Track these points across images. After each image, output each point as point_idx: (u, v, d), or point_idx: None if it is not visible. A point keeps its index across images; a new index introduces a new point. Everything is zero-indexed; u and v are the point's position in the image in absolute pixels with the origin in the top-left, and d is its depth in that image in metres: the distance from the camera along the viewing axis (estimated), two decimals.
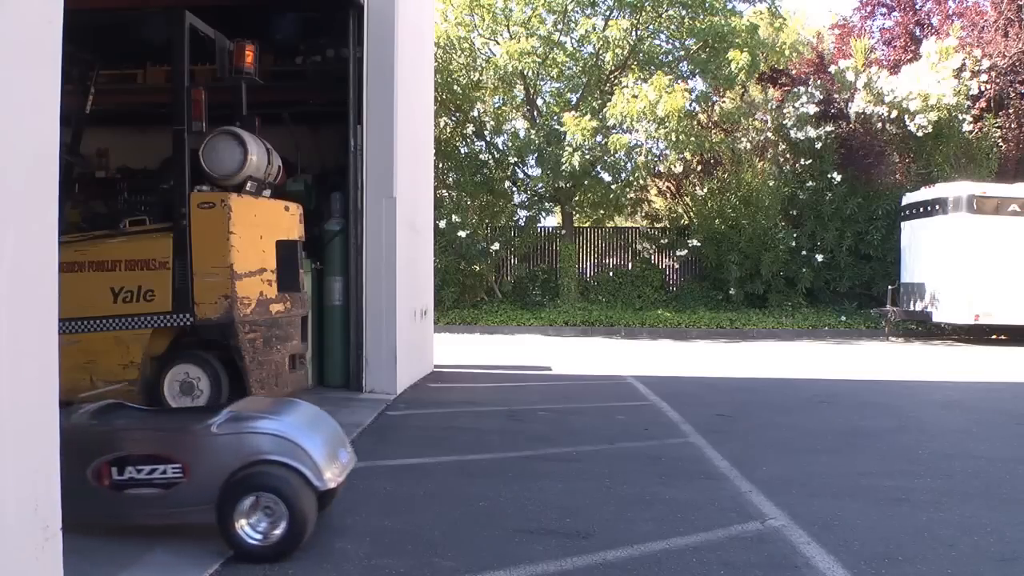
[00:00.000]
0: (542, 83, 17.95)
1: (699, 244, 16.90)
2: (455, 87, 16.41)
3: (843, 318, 15.71)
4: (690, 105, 15.86)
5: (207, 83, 5.55)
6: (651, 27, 17.03)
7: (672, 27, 17.06)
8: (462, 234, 15.85)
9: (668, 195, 18.99)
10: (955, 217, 13.47)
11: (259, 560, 2.69)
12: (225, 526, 2.66)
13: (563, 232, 18.11)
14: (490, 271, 17.03)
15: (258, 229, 5.36)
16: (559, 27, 17.06)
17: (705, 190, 17.31)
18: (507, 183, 17.98)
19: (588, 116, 15.61)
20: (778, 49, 16.71)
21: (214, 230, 5.05)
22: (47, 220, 2.14)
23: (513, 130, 17.52)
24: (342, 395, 6.37)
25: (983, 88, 16.66)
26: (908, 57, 18.17)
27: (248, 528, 2.68)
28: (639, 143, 15.71)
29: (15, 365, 1.99)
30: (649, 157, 15.86)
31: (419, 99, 8.20)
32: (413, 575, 2.74)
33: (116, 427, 2.85)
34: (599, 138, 15.81)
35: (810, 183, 16.71)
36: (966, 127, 16.36)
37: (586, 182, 16.50)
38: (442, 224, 15.30)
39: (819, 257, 16.37)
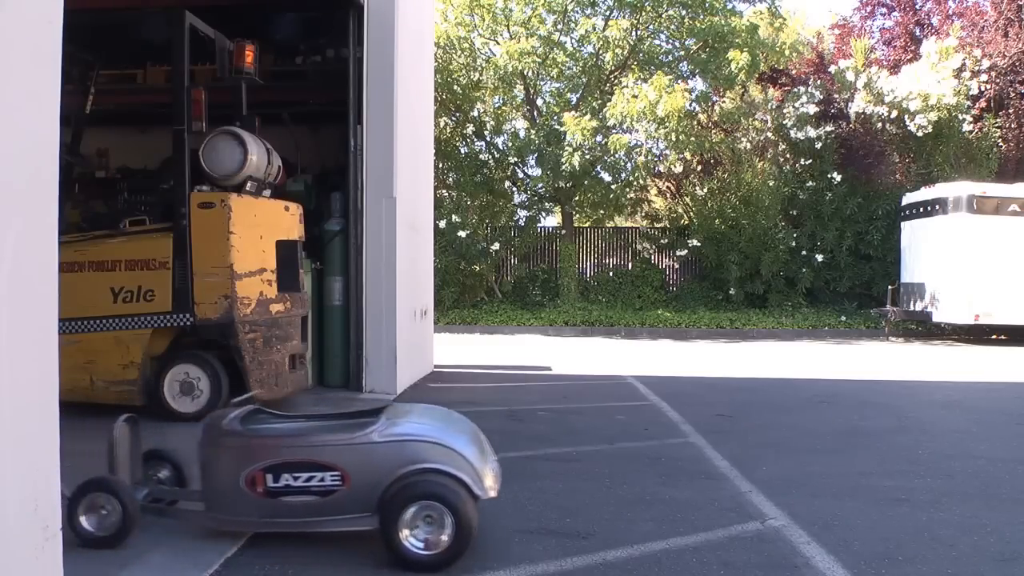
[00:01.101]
0: (542, 83, 17.95)
1: (699, 244, 16.90)
2: (455, 87, 16.41)
3: (843, 318, 15.71)
4: (690, 105, 15.86)
5: (207, 83, 5.55)
6: (651, 27, 17.04)
7: (672, 27, 17.06)
8: (462, 234, 15.85)
9: (668, 195, 18.99)
10: (955, 217, 13.47)
11: (424, 569, 2.65)
12: (389, 535, 2.63)
13: (563, 232, 18.11)
14: (490, 271, 17.03)
15: (258, 229, 5.36)
16: (559, 27, 17.06)
17: (705, 190, 17.30)
18: (507, 183, 17.99)
19: (588, 116, 15.61)
20: (778, 49, 16.71)
21: (214, 230, 5.05)
22: (47, 220, 2.14)
23: (513, 130, 17.52)
24: (342, 395, 6.36)
25: (983, 88, 16.67)
26: (908, 57, 18.17)
27: (412, 538, 2.66)
28: (639, 143, 15.71)
29: (15, 365, 1.99)
30: (649, 157, 15.86)
31: (419, 99, 8.20)
32: (413, 575, 2.74)
33: (273, 434, 2.85)
34: (599, 138, 15.81)
35: (810, 183, 16.71)
36: (966, 127, 16.36)
37: (586, 182, 16.50)
38: (442, 224, 15.30)
39: (819, 257, 16.37)
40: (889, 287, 15.06)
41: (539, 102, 18.16)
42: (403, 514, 2.63)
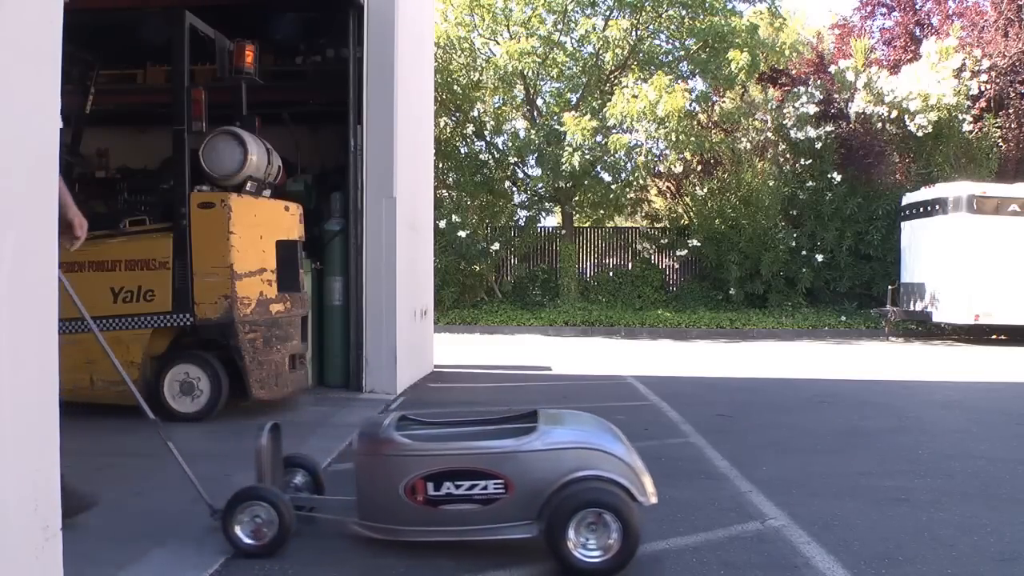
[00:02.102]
0: (542, 83, 17.95)
1: (699, 244, 16.90)
2: (455, 87, 16.41)
3: (843, 318, 15.71)
4: (690, 105, 15.86)
5: (207, 83, 5.55)
6: (651, 27, 17.04)
7: (672, 27, 17.06)
8: (462, 234, 15.85)
9: (668, 195, 18.99)
10: (955, 217, 13.47)
11: None
12: (556, 544, 2.62)
13: (563, 232, 18.11)
14: (490, 271, 17.03)
15: (258, 229, 5.36)
16: (559, 27, 17.06)
17: (705, 190, 17.30)
18: (507, 183, 17.99)
19: (588, 116, 15.61)
20: (778, 49, 16.72)
21: (214, 230, 5.05)
22: (47, 220, 2.14)
23: (513, 130, 17.53)
24: (342, 395, 6.37)
25: (983, 88, 16.67)
26: (908, 57, 18.17)
27: (580, 546, 2.64)
28: (639, 143, 15.71)
29: (15, 365, 1.99)
30: (649, 157, 15.86)
31: (419, 99, 8.20)
32: (413, 574, 2.74)
33: (435, 442, 2.84)
34: (599, 138, 15.81)
35: (810, 183, 16.72)
36: (966, 127, 16.37)
37: (586, 182, 16.50)
38: (442, 224, 15.30)
39: (819, 257, 16.37)
40: (889, 287, 15.06)
41: (539, 102, 18.17)
42: (570, 522, 2.62)
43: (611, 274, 17.96)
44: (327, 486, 3.26)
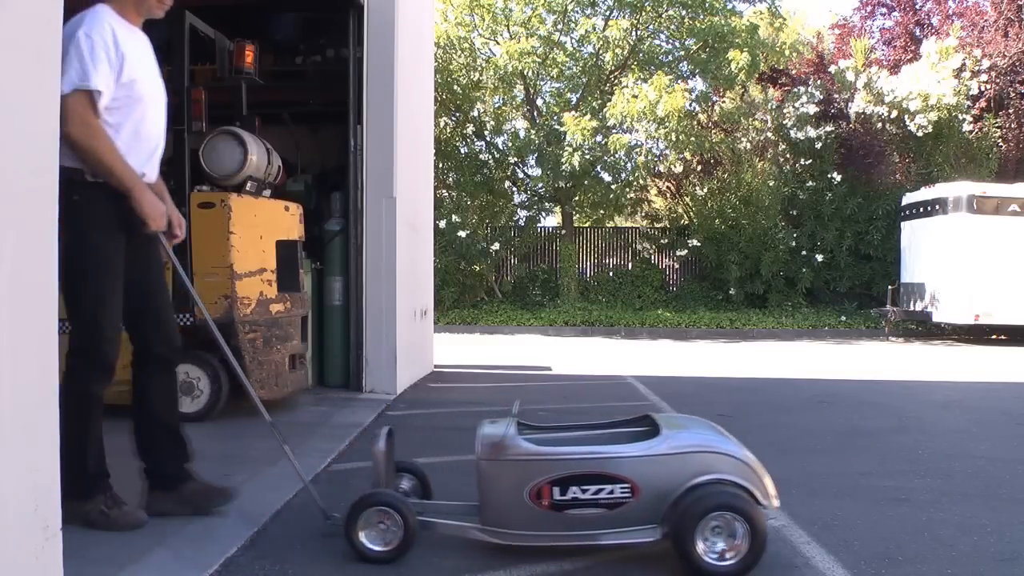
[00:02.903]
0: (542, 83, 17.96)
1: (699, 244, 16.90)
2: (455, 87, 16.42)
3: (843, 318, 15.71)
4: (690, 105, 15.87)
5: (207, 83, 5.55)
6: (651, 27, 17.05)
7: (672, 27, 17.07)
8: (462, 234, 15.86)
9: (668, 195, 19.00)
10: (955, 217, 13.47)
11: None
12: (685, 548, 2.62)
13: (563, 232, 18.11)
14: (490, 271, 17.04)
15: (258, 229, 5.36)
16: (559, 27, 17.07)
17: (705, 190, 17.31)
18: (507, 183, 17.99)
19: (588, 116, 15.62)
20: (778, 49, 16.73)
21: (214, 230, 5.05)
22: (47, 220, 2.14)
23: (513, 130, 17.53)
24: (342, 395, 6.37)
25: (983, 88, 16.67)
26: (908, 57, 18.18)
27: (709, 551, 2.64)
28: (639, 143, 15.72)
29: (15, 365, 1.99)
30: (649, 157, 15.87)
31: (419, 99, 8.20)
32: (413, 574, 2.74)
33: (562, 446, 2.85)
34: (599, 138, 15.82)
35: (810, 183, 16.72)
36: (966, 127, 16.37)
37: (586, 182, 16.51)
38: (442, 224, 15.31)
39: (819, 257, 16.37)
40: (889, 287, 15.06)
41: (539, 102, 18.17)
42: (698, 526, 2.62)
43: (611, 274, 17.97)
44: (330, 487, 3.26)
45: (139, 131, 3.00)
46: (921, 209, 14.42)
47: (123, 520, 2.98)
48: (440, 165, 16.01)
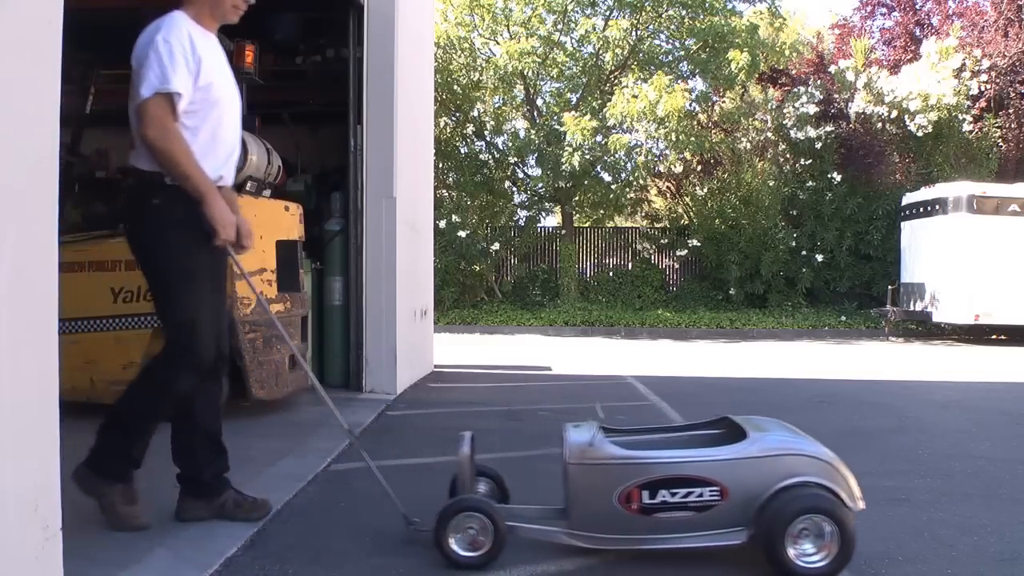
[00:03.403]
0: (542, 83, 17.97)
1: (699, 244, 16.90)
2: (455, 87, 16.43)
3: (843, 318, 15.72)
4: (690, 105, 15.87)
5: None
6: (651, 27, 17.05)
7: (672, 27, 17.08)
8: (462, 234, 15.86)
9: (668, 195, 19.00)
10: (955, 217, 13.47)
11: None
12: (776, 551, 2.63)
13: (563, 232, 18.11)
14: (490, 271, 17.04)
15: (258, 229, 5.31)
16: (559, 27, 17.07)
17: (705, 190, 17.32)
18: (507, 183, 17.99)
19: (588, 116, 15.62)
20: (778, 49, 16.73)
21: None
22: (47, 220, 2.14)
23: (513, 130, 17.54)
24: (342, 395, 6.36)
25: (983, 88, 16.68)
26: (908, 57, 18.18)
27: (802, 555, 2.65)
28: (639, 143, 15.72)
29: (15, 365, 1.99)
30: (649, 157, 15.87)
31: (419, 99, 8.20)
32: (413, 574, 2.74)
33: (648, 451, 2.85)
34: (599, 138, 15.82)
35: (810, 183, 16.73)
36: (966, 127, 16.38)
37: (586, 182, 16.51)
38: (442, 224, 15.31)
39: (819, 257, 16.38)
40: (889, 287, 15.06)
41: (539, 102, 18.17)
42: (788, 529, 2.62)
43: (611, 274, 17.97)
44: (330, 487, 3.26)
45: (216, 134, 3.01)
46: (921, 209, 14.43)
47: (126, 518, 2.97)
48: (440, 165, 16.01)
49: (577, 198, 17.32)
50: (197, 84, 2.92)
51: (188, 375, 2.98)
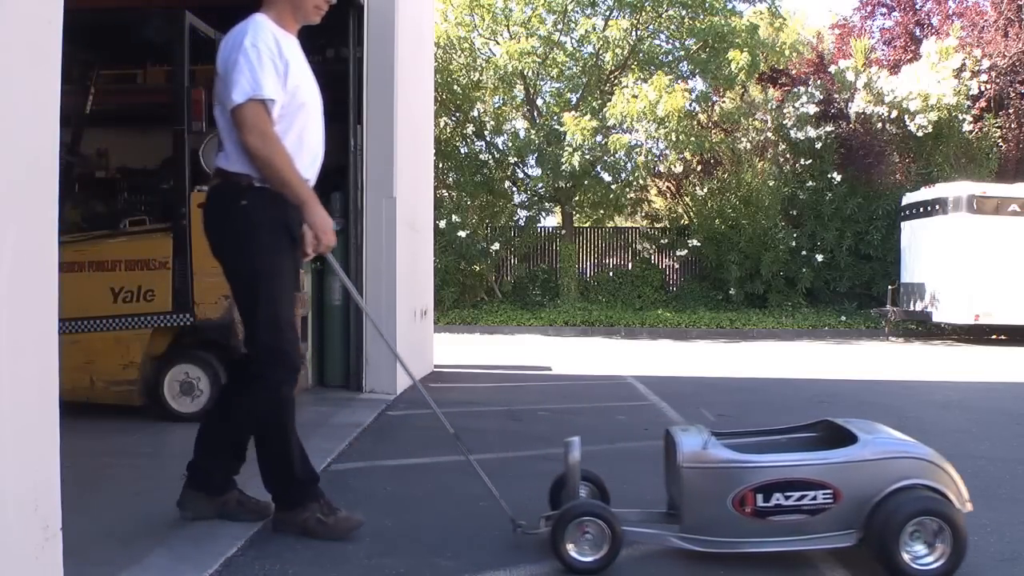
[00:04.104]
0: (542, 83, 17.97)
1: (699, 244, 16.90)
2: (455, 87, 16.43)
3: (843, 318, 15.72)
4: (690, 105, 15.87)
5: (207, 83, 5.54)
6: (651, 27, 17.05)
7: (672, 27, 17.08)
8: (462, 234, 15.86)
9: (668, 195, 19.00)
10: (955, 217, 13.47)
11: None
12: (888, 551, 2.64)
13: (563, 232, 18.12)
14: (490, 271, 17.04)
15: None
16: (559, 27, 17.07)
17: (705, 190, 17.32)
18: (507, 183, 17.99)
19: (588, 116, 15.62)
20: (778, 49, 16.74)
21: None
22: (47, 220, 2.14)
23: (513, 130, 17.54)
24: (342, 395, 6.37)
25: (983, 88, 16.68)
26: (908, 57, 18.19)
27: (917, 558, 2.65)
28: (639, 143, 15.73)
29: (15, 365, 1.99)
30: (649, 157, 15.87)
31: (419, 99, 8.20)
32: (413, 574, 2.74)
33: (762, 454, 2.88)
34: (599, 138, 15.83)
35: (810, 183, 16.73)
36: (966, 127, 16.38)
37: (586, 182, 16.51)
38: (442, 224, 15.31)
39: (819, 257, 16.38)
40: (889, 287, 15.06)
41: (539, 102, 18.17)
42: (903, 531, 2.63)
43: (611, 274, 17.97)
44: (330, 487, 3.25)
45: (303, 138, 3.01)
46: (921, 209, 14.42)
47: (342, 526, 2.98)
48: (440, 165, 16.01)
49: (577, 198, 17.32)
50: (285, 88, 2.92)
51: (284, 374, 2.98)
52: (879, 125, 16.53)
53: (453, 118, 17.40)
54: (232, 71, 2.83)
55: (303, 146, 3.01)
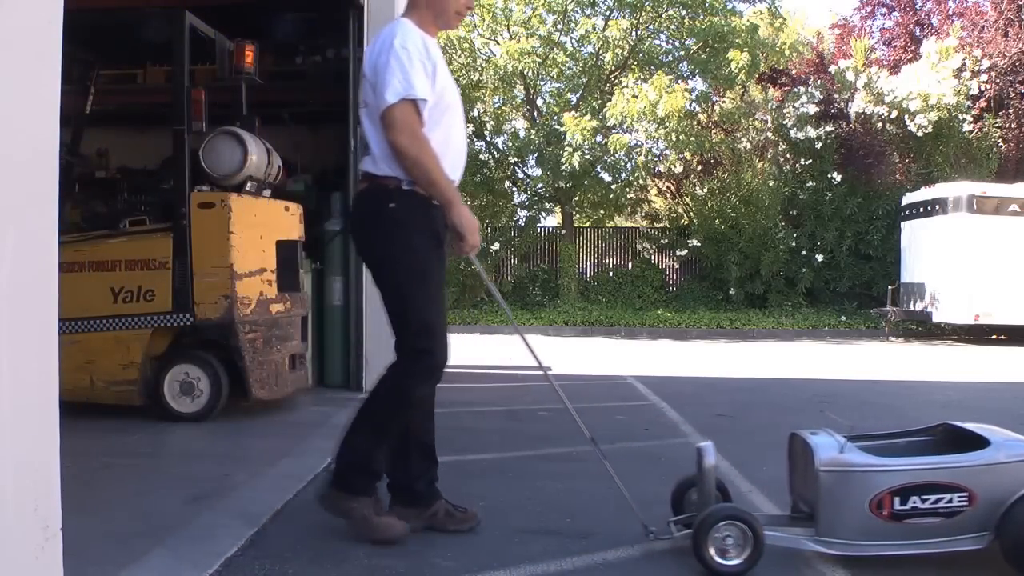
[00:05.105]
0: (542, 83, 17.96)
1: (699, 244, 16.90)
2: None
3: (843, 318, 15.71)
4: (690, 105, 15.86)
5: (207, 83, 5.55)
6: (651, 27, 17.04)
7: (672, 27, 17.07)
8: None
9: (668, 195, 19.00)
10: (955, 217, 13.47)
11: None
12: (1021, 557, 2.70)
13: (563, 232, 18.11)
14: (490, 271, 17.03)
15: (258, 229, 5.36)
16: (559, 27, 17.06)
17: (705, 190, 17.32)
18: (507, 183, 17.98)
19: (588, 116, 15.61)
20: (778, 49, 16.72)
21: (214, 230, 5.05)
22: (47, 220, 2.14)
23: (513, 130, 17.53)
24: (342, 395, 6.36)
25: (983, 88, 16.68)
26: (908, 57, 18.19)
27: None
28: (639, 143, 15.72)
29: (15, 365, 1.99)
30: (649, 157, 15.87)
31: None
32: (413, 574, 2.74)
33: (899, 457, 2.91)
34: (599, 138, 15.82)
35: (810, 183, 16.73)
36: (966, 127, 16.38)
37: (586, 182, 16.50)
38: None
39: (819, 257, 16.37)
40: (889, 287, 15.06)
41: (539, 102, 18.17)
42: None
43: (611, 274, 17.97)
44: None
45: (449, 139, 3.01)
46: (921, 209, 14.42)
47: (386, 529, 2.97)
48: None
49: (577, 198, 17.31)
50: (434, 88, 2.92)
51: (428, 379, 2.99)
52: (879, 125, 16.53)
53: None
54: (383, 72, 2.84)
55: (449, 147, 3.01)
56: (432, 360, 2.97)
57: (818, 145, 16.53)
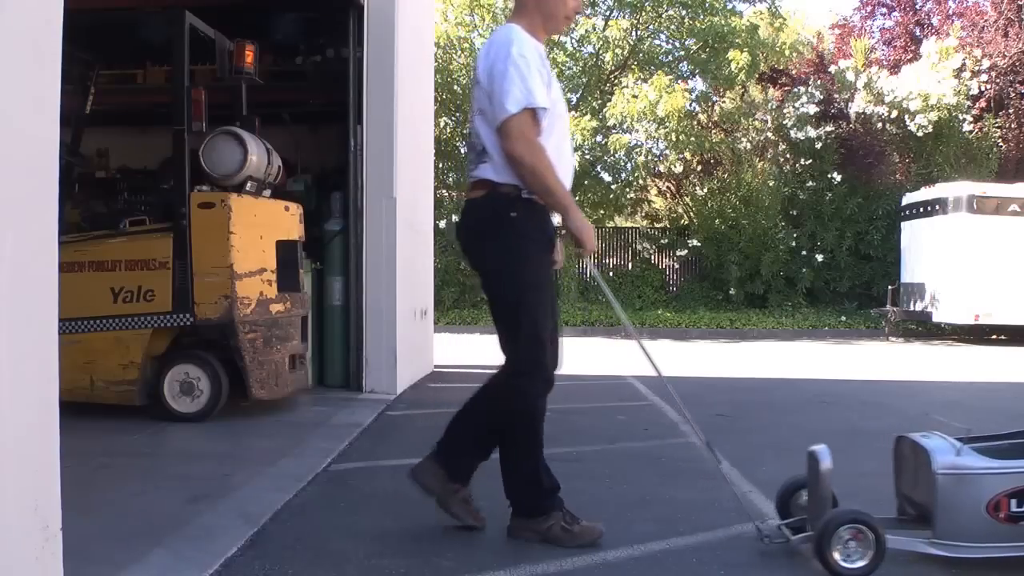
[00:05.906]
0: None
1: (699, 244, 16.90)
2: (455, 87, 16.42)
3: (843, 318, 15.71)
4: (690, 105, 15.87)
5: (207, 83, 5.55)
6: (651, 27, 17.05)
7: (672, 27, 17.07)
8: None
9: (668, 195, 18.99)
10: (955, 217, 13.46)
11: None
12: None
13: (563, 232, 18.08)
14: None
15: (258, 229, 5.36)
16: None
17: (705, 190, 17.32)
18: None
19: (588, 116, 15.62)
20: (778, 49, 16.73)
21: (214, 230, 5.05)
22: (47, 220, 2.14)
23: None
24: (342, 395, 6.36)
25: (983, 88, 16.68)
26: (908, 57, 18.19)
27: None
28: (639, 143, 15.72)
29: (15, 365, 1.99)
30: (649, 157, 15.87)
31: (419, 99, 8.20)
32: (414, 574, 2.74)
33: (1013, 460, 2.91)
34: (599, 138, 15.82)
35: (810, 183, 16.73)
36: (966, 127, 16.38)
37: (586, 182, 16.50)
38: (442, 224, 15.30)
39: (819, 257, 16.37)
40: (889, 287, 15.06)
41: None
42: None
43: (611, 274, 17.97)
44: (330, 487, 3.26)
45: (560, 147, 2.99)
46: (921, 209, 14.42)
47: (586, 534, 2.96)
48: (440, 165, 16.01)
49: (577, 198, 17.27)
50: (549, 96, 2.90)
51: (545, 391, 3.00)
52: (879, 125, 16.53)
53: (453, 118, 17.39)
54: (502, 81, 2.81)
55: (561, 155, 3.00)
56: (544, 372, 2.99)
57: (818, 145, 16.53)
